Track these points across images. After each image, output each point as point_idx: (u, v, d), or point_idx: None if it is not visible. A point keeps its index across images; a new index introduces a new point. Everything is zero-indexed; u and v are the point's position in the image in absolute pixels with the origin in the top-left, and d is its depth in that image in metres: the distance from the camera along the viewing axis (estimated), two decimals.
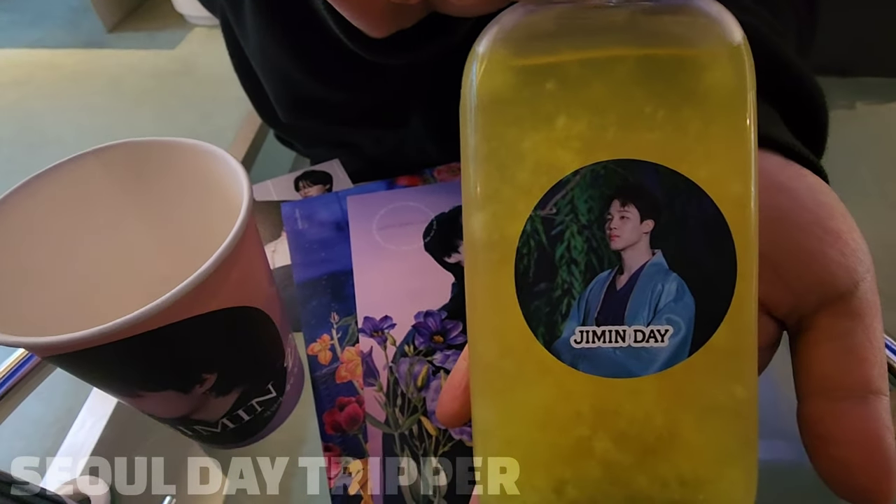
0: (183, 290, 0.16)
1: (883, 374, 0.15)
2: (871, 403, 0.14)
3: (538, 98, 0.13)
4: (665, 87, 0.13)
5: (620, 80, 0.13)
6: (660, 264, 0.13)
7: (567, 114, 0.13)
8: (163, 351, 0.18)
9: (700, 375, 0.13)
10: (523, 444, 0.14)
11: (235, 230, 0.18)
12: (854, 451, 0.14)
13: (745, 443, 0.14)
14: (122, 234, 0.24)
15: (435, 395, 0.29)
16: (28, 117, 1.58)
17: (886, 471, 0.13)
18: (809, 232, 0.16)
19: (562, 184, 0.13)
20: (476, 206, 0.14)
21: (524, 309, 0.14)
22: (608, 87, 0.13)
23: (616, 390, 0.13)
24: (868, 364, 0.14)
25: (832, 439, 0.14)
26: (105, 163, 0.22)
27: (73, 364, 0.18)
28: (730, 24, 0.13)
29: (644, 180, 0.13)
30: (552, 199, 0.13)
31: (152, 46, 1.87)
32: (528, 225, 0.13)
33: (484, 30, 0.14)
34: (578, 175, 0.13)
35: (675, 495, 0.13)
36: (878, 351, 0.15)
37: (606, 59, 0.13)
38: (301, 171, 0.42)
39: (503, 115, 0.14)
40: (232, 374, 0.22)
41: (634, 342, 0.13)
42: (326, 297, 0.33)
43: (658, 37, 0.13)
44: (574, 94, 0.13)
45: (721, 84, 0.13)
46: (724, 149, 0.13)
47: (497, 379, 0.14)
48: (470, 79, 0.14)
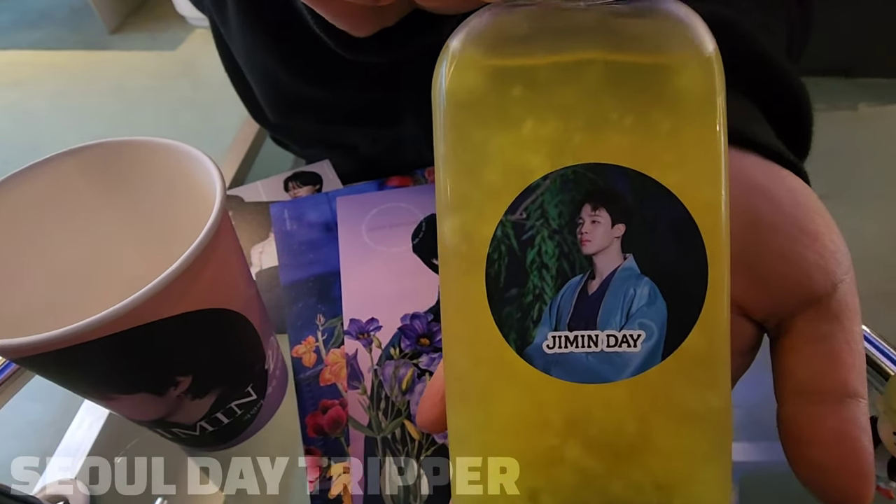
0: (148, 293, 0.16)
1: (861, 378, 0.14)
2: (848, 406, 0.14)
3: (507, 100, 0.13)
4: (634, 92, 0.13)
5: (590, 84, 0.13)
6: (631, 269, 0.13)
7: (536, 117, 0.13)
8: (132, 354, 0.18)
9: (673, 380, 0.13)
10: (497, 451, 0.14)
11: (203, 234, 0.17)
12: (830, 454, 0.14)
13: (720, 446, 0.13)
14: (98, 235, 0.24)
15: (419, 399, 0.28)
16: (29, 118, 1.58)
17: (862, 474, 0.13)
18: (787, 234, 0.15)
19: (532, 188, 0.13)
20: (447, 211, 0.14)
21: (496, 315, 0.14)
22: (578, 91, 0.13)
23: (589, 396, 0.13)
24: (845, 367, 0.14)
25: (809, 442, 0.14)
26: (81, 163, 0.22)
27: (39, 367, 0.18)
28: (699, 28, 0.13)
29: (614, 184, 0.13)
30: (522, 203, 0.13)
31: (153, 48, 1.87)
32: (499, 230, 0.13)
33: (455, 29, 0.14)
34: (548, 179, 0.13)
35: (651, 500, 0.13)
36: (856, 354, 0.15)
37: (577, 63, 0.13)
38: (291, 172, 0.42)
39: (472, 117, 0.13)
40: (208, 376, 0.22)
41: (607, 347, 0.13)
42: (313, 298, 0.33)
43: (628, 41, 0.13)
44: (543, 97, 0.13)
45: (690, 88, 0.13)
46: (694, 152, 0.13)
47: (470, 385, 0.14)
48: (439, 79, 0.14)
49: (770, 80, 0.20)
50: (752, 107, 0.19)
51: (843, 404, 0.14)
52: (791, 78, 0.20)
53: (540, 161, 0.13)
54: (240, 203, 0.40)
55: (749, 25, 0.20)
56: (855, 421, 0.14)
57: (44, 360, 0.17)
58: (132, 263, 0.24)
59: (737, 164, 0.17)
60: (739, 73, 0.20)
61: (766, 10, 0.24)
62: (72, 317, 0.16)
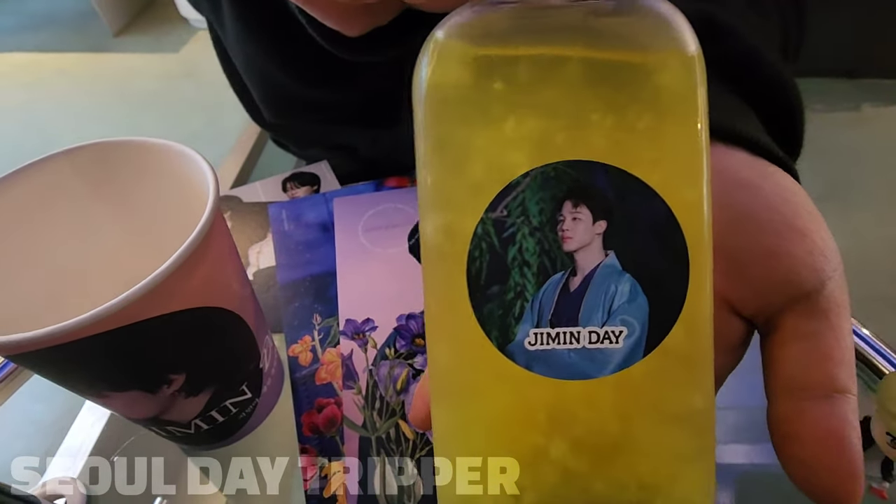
0: (138, 292, 0.16)
1: (850, 373, 0.14)
2: (837, 402, 0.14)
3: (488, 96, 0.13)
4: (616, 89, 0.13)
5: (571, 81, 0.13)
6: (613, 265, 0.13)
7: (517, 114, 0.13)
8: (123, 351, 0.18)
9: (656, 377, 0.13)
10: (480, 447, 0.14)
11: (195, 233, 0.18)
12: (818, 450, 0.14)
13: (703, 444, 0.13)
14: (93, 233, 0.24)
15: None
16: (35, 119, 1.59)
17: (850, 471, 0.13)
18: (774, 231, 0.15)
19: (512, 186, 0.13)
20: (428, 208, 0.14)
21: (477, 312, 0.13)
22: (559, 88, 0.13)
23: (572, 393, 0.13)
24: (833, 363, 0.14)
25: (797, 438, 0.14)
26: (75, 163, 0.22)
27: (33, 363, 0.18)
28: (681, 26, 0.13)
29: (595, 181, 0.13)
30: (503, 201, 0.13)
31: (157, 50, 1.89)
32: (480, 227, 0.13)
33: (437, 25, 0.14)
34: (529, 177, 0.13)
35: (633, 498, 0.13)
36: (845, 350, 0.14)
37: (558, 60, 0.13)
38: (289, 173, 0.42)
39: (453, 113, 0.13)
40: (201, 375, 0.22)
41: (589, 343, 0.13)
42: (309, 298, 0.33)
43: (610, 38, 0.13)
44: (525, 94, 0.13)
45: (671, 86, 0.13)
46: (675, 149, 0.13)
47: (453, 382, 0.14)
48: (420, 74, 0.14)
49: (760, 78, 0.20)
50: (740, 103, 0.19)
51: (831, 400, 0.14)
52: (782, 76, 0.20)
53: (521, 158, 0.13)
54: (238, 203, 0.40)
55: (738, 24, 0.20)
56: (842, 417, 0.14)
57: (37, 356, 0.17)
58: (127, 262, 0.24)
59: (724, 160, 0.17)
60: (729, 71, 0.20)
61: (757, 10, 0.24)
62: (66, 314, 0.16)
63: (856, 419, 0.14)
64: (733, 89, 0.20)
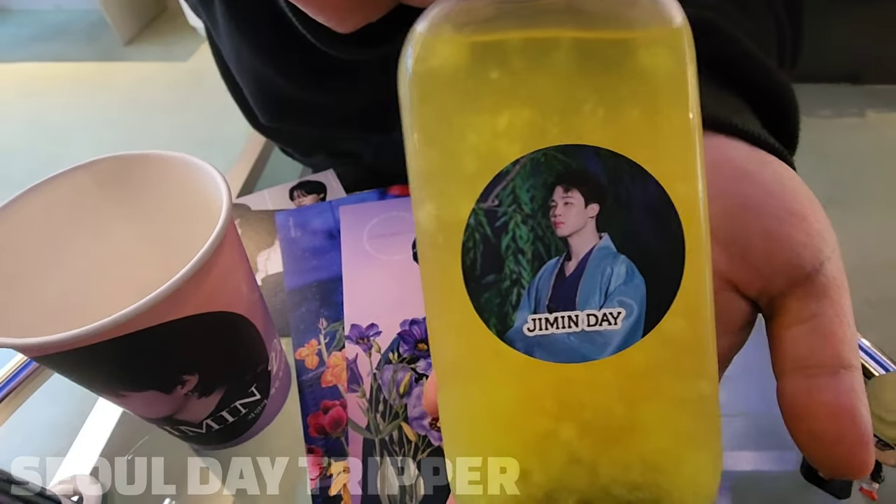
0: (156, 298, 0.17)
1: (853, 349, 0.15)
2: (843, 377, 0.14)
3: (474, 83, 0.13)
4: (604, 69, 0.13)
5: (557, 65, 0.13)
6: (607, 247, 0.13)
7: (504, 100, 0.13)
8: (141, 353, 0.19)
9: (656, 357, 0.13)
10: (487, 435, 0.14)
11: (209, 243, 0.19)
12: (828, 424, 0.14)
13: (708, 424, 0.13)
14: (110, 243, 0.25)
15: (416, 402, 0.29)
16: (48, 128, 1.62)
17: (860, 441, 0.14)
18: (774, 215, 0.16)
19: (502, 175, 0.13)
20: (419, 200, 0.14)
21: (474, 301, 0.14)
22: (545, 73, 0.13)
23: (574, 376, 0.13)
24: (837, 339, 0.15)
25: (807, 415, 0.14)
26: (95, 175, 0.24)
27: (56, 364, 0.19)
28: (670, 5, 0.13)
29: (586, 165, 0.13)
30: (493, 190, 0.13)
31: (167, 59, 1.91)
32: (472, 218, 0.13)
33: (423, 13, 0.13)
34: (518, 164, 0.13)
35: (639, 479, 0.13)
36: (846, 326, 0.15)
37: (544, 43, 0.13)
38: (296, 181, 0.43)
39: (438, 103, 0.13)
40: (213, 376, 0.23)
41: (588, 326, 0.13)
42: (315, 303, 0.34)
43: (597, 19, 0.13)
44: (511, 80, 0.13)
45: (660, 63, 0.13)
46: (666, 127, 0.13)
47: (455, 371, 0.14)
48: (405, 63, 0.13)
49: (754, 80, 0.21)
50: (738, 98, 0.20)
51: (838, 375, 0.14)
52: (776, 78, 0.21)
53: (509, 146, 0.13)
54: (246, 211, 0.41)
55: (731, 28, 0.21)
56: (850, 390, 0.14)
57: (61, 358, 0.19)
58: (143, 269, 0.26)
59: (725, 151, 0.17)
60: (727, 74, 0.20)
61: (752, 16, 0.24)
62: (87, 319, 0.17)
63: (862, 390, 0.14)
64: (732, 90, 0.20)
